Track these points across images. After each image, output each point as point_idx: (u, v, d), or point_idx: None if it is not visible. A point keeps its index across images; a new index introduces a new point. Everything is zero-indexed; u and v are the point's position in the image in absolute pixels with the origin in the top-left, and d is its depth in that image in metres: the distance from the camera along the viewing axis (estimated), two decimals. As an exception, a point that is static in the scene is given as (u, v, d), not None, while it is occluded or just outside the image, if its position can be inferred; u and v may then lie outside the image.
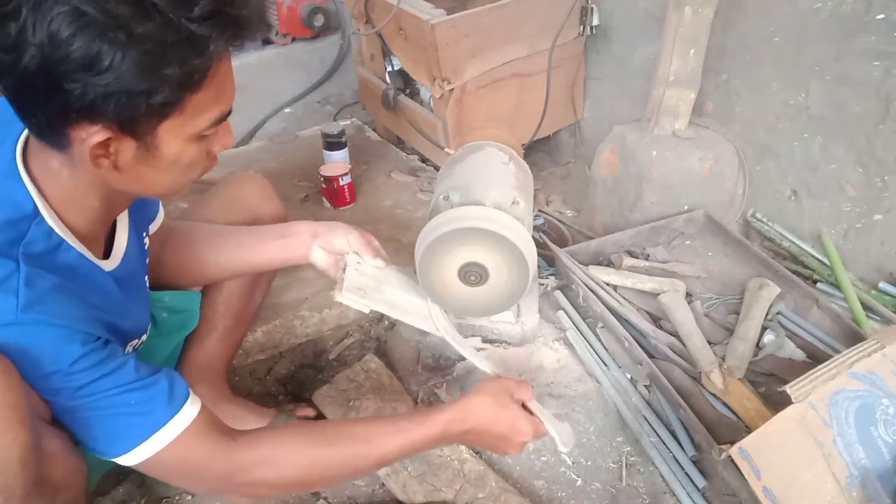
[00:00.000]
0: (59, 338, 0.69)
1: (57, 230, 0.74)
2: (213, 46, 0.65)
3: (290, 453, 0.82)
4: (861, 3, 1.29)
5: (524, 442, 0.93)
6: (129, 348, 0.88)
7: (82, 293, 0.74)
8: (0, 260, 0.68)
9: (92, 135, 0.65)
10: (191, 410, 0.78)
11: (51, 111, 0.64)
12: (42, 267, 0.70)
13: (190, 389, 0.81)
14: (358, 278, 1.05)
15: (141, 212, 0.95)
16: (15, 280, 0.67)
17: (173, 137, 0.70)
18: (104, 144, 0.66)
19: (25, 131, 0.74)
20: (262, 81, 2.44)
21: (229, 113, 0.75)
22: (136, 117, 0.65)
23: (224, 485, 0.81)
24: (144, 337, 0.93)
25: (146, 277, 0.97)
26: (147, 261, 0.98)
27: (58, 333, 0.69)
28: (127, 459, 0.75)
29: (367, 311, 1.04)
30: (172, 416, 0.76)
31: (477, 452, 1.13)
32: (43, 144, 0.70)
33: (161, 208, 1.05)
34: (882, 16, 1.27)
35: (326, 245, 1.06)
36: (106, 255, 0.84)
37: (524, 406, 0.96)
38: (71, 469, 0.77)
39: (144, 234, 0.97)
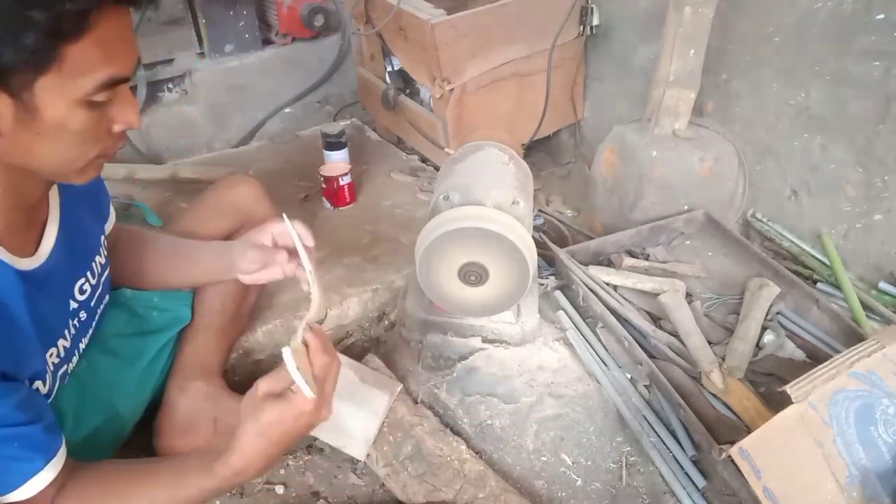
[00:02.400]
0: None
1: None
2: None
3: None
4: (861, 3, 1.29)
5: (317, 414, 0.79)
6: (50, 357, 0.85)
7: None
8: None
9: None
10: (58, 464, 0.78)
11: None
12: None
13: (63, 440, 0.80)
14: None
15: (85, 208, 0.92)
16: None
17: (55, 98, 0.65)
18: None
19: None
20: (262, 81, 2.44)
21: (125, 80, 0.70)
22: (6, 68, 0.61)
23: None
24: (68, 344, 0.89)
25: (83, 281, 0.92)
26: (84, 263, 0.94)
27: None
28: None
29: None
30: (41, 470, 0.76)
31: (477, 453, 1.13)
32: None
33: (112, 210, 1.04)
34: (882, 16, 1.27)
35: (253, 240, 1.00)
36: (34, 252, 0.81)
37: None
38: None
39: (102, 236, 0.95)
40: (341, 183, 1.72)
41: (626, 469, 1.12)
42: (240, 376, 1.32)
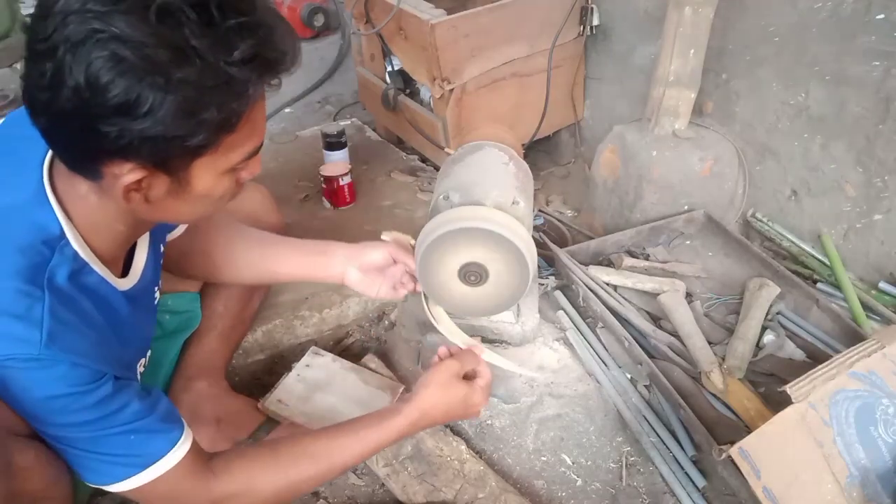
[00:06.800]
0: (72, 376, 0.69)
1: (81, 254, 0.73)
2: (252, 89, 0.64)
3: (261, 482, 0.85)
4: (861, 3, 1.29)
5: (478, 410, 1.03)
6: (140, 367, 0.88)
7: (99, 320, 0.74)
8: (27, 287, 0.67)
9: (126, 172, 0.64)
10: (181, 450, 0.79)
11: (84, 149, 0.63)
12: (66, 293, 0.70)
13: (184, 425, 0.81)
14: (293, 386, 1.18)
15: (162, 224, 0.94)
16: (39, 310, 0.67)
17: (206, 173, 0.69)
18: (137, 181, 0.66)
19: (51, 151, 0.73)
20: (262, 81, 2.44)
21: (261, 146, 0.74)
22: (171, 156, 0.64)
23: None
24: (149, 353, 0.93)
25: (157, 288, 0.95)
26: (160, 271, 0.97)
27: (70, 372, 0.68)
28: (112, 488, 0.76)
29: (284, 422, 1.14)
30: (164, 455, 0.77)
31: (477, 453, 1.13)
32: (72, 173, 0.69)
33: None
34: (882, 16, 1.27)
35: (361, 264, 1.08)
36: (125, 272, 0.84)
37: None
38: (49, 481, 0.76)
39: (161, 245, 0.96)
40: (341, 183, 1.72)
41: (626, 469, 1.12)
42: (240, 376, 1.32)
